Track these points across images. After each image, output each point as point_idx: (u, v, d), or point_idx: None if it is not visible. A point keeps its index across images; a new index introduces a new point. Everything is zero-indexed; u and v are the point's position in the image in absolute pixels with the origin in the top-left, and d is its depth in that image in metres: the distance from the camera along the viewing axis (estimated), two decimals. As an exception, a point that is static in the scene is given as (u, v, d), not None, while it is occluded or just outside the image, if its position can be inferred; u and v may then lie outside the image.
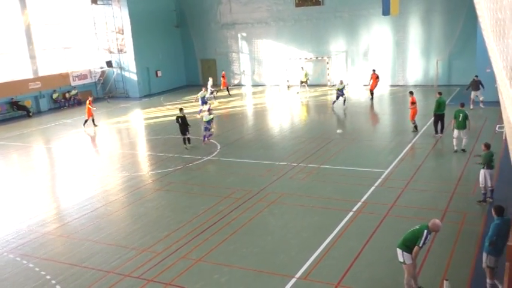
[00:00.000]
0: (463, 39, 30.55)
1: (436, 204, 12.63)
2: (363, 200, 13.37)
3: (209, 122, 20.77)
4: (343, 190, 14.36)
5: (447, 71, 32.12)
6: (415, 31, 32.54)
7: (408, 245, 8.34)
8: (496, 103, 17.97)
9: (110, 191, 15.83)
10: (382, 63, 33.68)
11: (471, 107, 23.35)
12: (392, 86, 33.21)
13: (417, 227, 8.42)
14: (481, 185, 12.49)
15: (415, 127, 20.47)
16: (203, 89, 29.23)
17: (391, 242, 10.62)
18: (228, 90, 34.20)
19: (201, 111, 26.43)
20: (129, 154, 20.44)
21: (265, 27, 37.28)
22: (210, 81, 31.80)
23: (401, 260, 8.52)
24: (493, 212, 8.62)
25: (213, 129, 21.42)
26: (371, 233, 11.30)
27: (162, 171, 17.42)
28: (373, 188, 14.26)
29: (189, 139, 20.44)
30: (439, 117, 19.21)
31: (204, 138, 20.91)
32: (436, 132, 19.40)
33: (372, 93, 28.86)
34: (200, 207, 13.65)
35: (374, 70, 29.46)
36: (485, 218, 11.56)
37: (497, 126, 19.62)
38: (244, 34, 38.50)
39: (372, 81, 28.91)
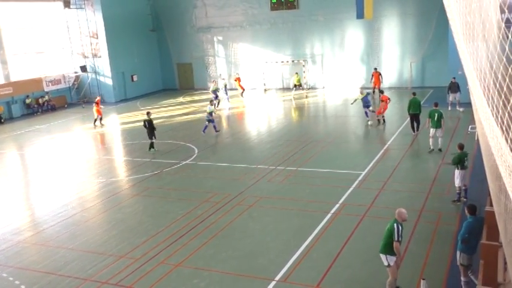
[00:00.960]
0: (435, 41, 31.17)
1: (413, 204, 12.84)
2: (340, 201, 13.50)
3: (210, 113, 22.04)
4: (321, 192, 14.47)
5: (421, 73, 32.72)
6: (389, 34, 33.07)
7: (390, 247, 8.44)
8: (469, 104, 18.39)
9: (86, 197, 15.62)
10: (357, 66, 34.10)
11: (449, 108, 23.77)
12: (367, 88, 33.57)
13: (388, 225, 8.55)
14: (456, 185, 12.76)
15: (381, 120, 21.99)
16: (214, 82, 30.08)
17: (369, 243, 10.77)
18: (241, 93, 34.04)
19: (218, 102, 29.40)
20: (105, 160, 20.20)
21: (241, 30, 37.36)
22: (222, 82, 32.13)
23: (386, 263, 8.61)
24: (466, 211, 8.82)
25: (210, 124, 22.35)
26: (349, 235, 11.42)
27: (139, 176, 17.27)
28: (350, 189, 14.42)
29: (152, 144, 20.20)
30: (413, 117, 19.64)
31: (205, 128, 22.35)
32: (413, 131, 19.81)
33: (379, 91, 28.52)
34: (178, 212, 13.59)
35: (376, 68, 30.03)
36: (460, 217, 11.81)
37: (470, 127, 20.07)
38: (220, 38, 38.49)
39: (373, 79, 29.56)
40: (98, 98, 28.00)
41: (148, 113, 20.79)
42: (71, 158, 20.92)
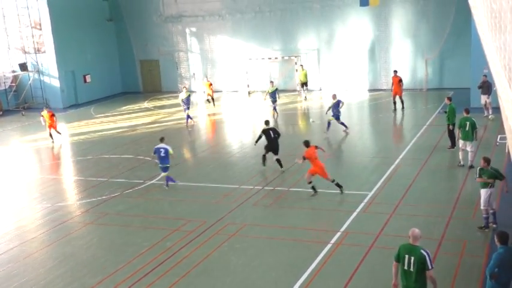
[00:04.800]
0: (455, 34, 31.62)
1: (431, 231, 12.92)
2: (342, 229, 13.53)
3: None
4: (319, 218, 14.50)
5: (438, 72, 33.17)
6: (399, 25, 33.49)
7: (424, 282, 8.47)
8: (497, 109, 18.64)
9: (26, 226, 15.41)
10: (361, 63, 34.44)
11: (484, 114, 23.92)
12: (372, 90, 33.98)
13: (412, 257, 8.46)
14: (482, 207, 12.89)
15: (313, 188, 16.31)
16: (185, 88, 28.95)
17: (378, 279, 10.80)
18: (213, 100, 32.80)
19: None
20: (50, 180, 20.02)
21: (219, 20, 37.54)
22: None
23: None
24: (496, 240, 8.90)
25: None
26: (354, 269, 11.44)
27: (94, 200, 17.14)
28: (354, 214, 14.46)
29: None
30: (453, 128, 19.23)
31: None
32: (454, 145, 19.41)
33: (401, 101, 27.62)
34: (142, 243, 13.48)
35: (396, 72, 28.19)
36: (489, 247, 11.92)
37: (499, 137, 20.34)
38: (193, 29, 38.62)
39: (393, 86, 27.83)
40: (48, 111, 26.06)
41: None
42: (7, 178, 20.67)
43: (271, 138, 18.79)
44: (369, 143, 22.60)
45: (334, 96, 23.70)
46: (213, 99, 32.67)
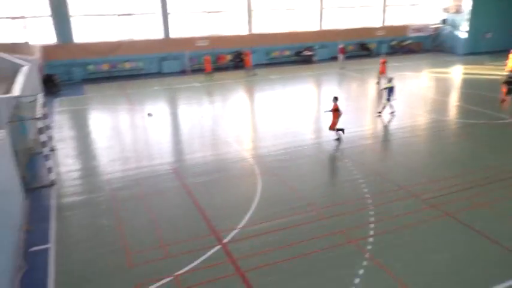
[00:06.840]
0: None
1: None
2: None
3: None
4: None
5: None
6: None
7: None
8: None
9: (415, 127, 15.29)
10: None
11: None
12: None
13: None
14: None
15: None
16: None
17: None
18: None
19: None
20: (440, 101, 19.09)
21: None
22: None
23: None
24: None
25: None
26: None
27: (466, 121, 15.71)
28: None
29: None
30: None
31: None
32: None
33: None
34: (483, 162, 11.85)
35: None
36: None
37: None
38: None
39: None
40: (385, 59, 22.19)
41: None
42: (410, 95, 20.62)
43: None
44: None
45: (390, 80, 16.03)
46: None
